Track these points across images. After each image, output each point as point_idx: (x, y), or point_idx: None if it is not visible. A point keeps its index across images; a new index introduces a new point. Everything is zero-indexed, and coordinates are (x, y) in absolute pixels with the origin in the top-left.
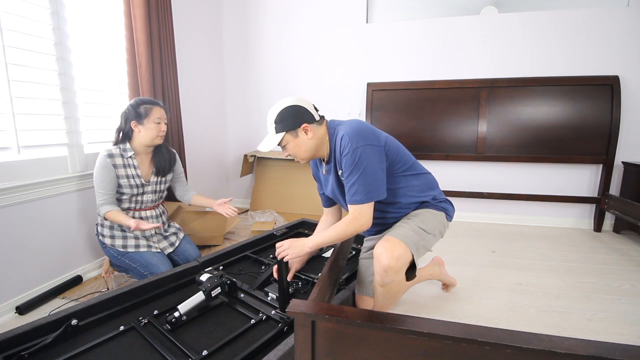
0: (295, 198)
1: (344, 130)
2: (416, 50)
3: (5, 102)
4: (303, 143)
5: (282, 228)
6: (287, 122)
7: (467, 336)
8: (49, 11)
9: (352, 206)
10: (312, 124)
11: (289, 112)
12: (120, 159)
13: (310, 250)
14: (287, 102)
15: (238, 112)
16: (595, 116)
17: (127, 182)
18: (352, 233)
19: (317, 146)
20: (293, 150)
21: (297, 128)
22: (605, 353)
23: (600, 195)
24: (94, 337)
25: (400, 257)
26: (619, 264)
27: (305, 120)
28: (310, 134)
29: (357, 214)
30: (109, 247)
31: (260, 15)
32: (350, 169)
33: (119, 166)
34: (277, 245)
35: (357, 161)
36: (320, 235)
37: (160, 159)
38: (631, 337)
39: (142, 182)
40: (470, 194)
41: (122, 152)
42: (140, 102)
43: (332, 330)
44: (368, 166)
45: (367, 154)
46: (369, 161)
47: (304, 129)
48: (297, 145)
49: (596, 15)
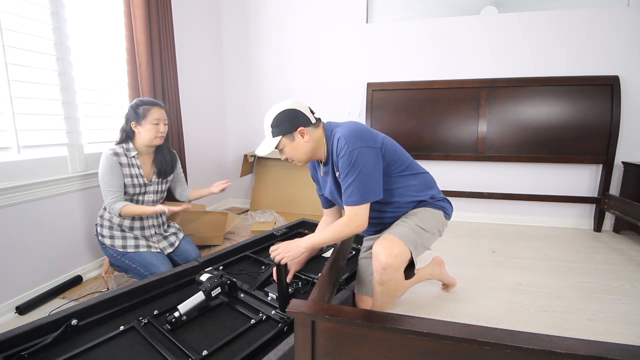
0: (295, 198)
1: (341, 132)
2: (416, 50)
3: (5, 102)
4: (300, 146)
5: (282, 228)
6: (284, 126)
7: (467, 336)
8: (49, 11)
9: (348, 207)
10: (309, 127)
11: (285, 115)
12: (124, 158)
13: (305, 251)
14: (283, 105)
15: (238, 112)
16: (595, 116)
17: (131, 181)
18: (348, 234)
19: (314, 149)
20: (290, 154)
21: (294, 131)
22: (605, 353)
23: (600, 195)
24: (94, 337)
25: (399, 255)
26: (619, 264)
27: (302, 123)
28: (306, 137)
29: (352, 215)
30: (108, 247)
31: (260, 15)
32: (347, 171)
33: (124, 165)
34: (271, 249)
35: (354, 163)
36: (315, 235)
37: (162, 160)
38: (631, 337)
39: (144, 182)
40: (470, 194)
41: (125, 151)
42: (139, 102)
43: (332, 330)
44: (364, 168)
45: (363, 156)
46: (365, 163)
47: (300, 133)
48: (294, 148)
49: (596, 15)
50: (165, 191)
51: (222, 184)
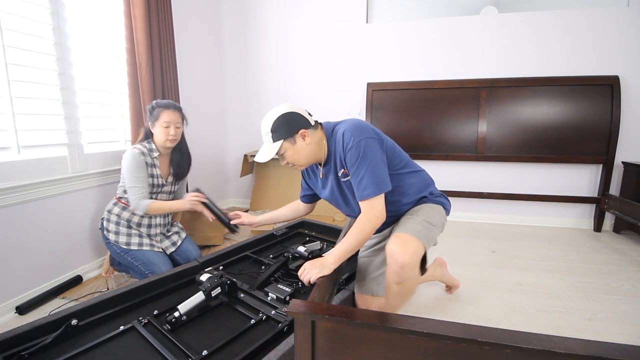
0: (295, 198)
1: (344, 127)
2: (416, 50)
3: (5, 102)
4: (302, 149)
5: (282, 228)
6: (284, 130)
7: (467, 336)
8: (49, 11)
9: (364, 202)
10: (309, 129)
11: (284, 119)
12: (148, 157)
13: (335, 267)
14: (281, 110)
15: (238, 112)
16: (595, 116)
17: (151, 181)
18: (371, 229)
19: (316, 151)
20: (292, 158)
21: (295, 134)
22: (605, 353)
23: (600, 195)
24: (94, 337)
25: (415, 253)
26: (619, 264)
27: (302, 125)
28: (308, 139)
29: (370, 208)
30: (112, 243)
31: (260, 15)
32: (357, 163)
33: (148, 165)
34: (299, 273)
35: (362, 153)
36: (338, 247)
37: (178, 162)
38: (631, 337)
39: (162, 182)
40: (470, 194)
41: (149, 151)
42: (155, 104)
43: (332, 330)
44: (373, 157)
45: (370, 146)
46: (374, 153)
47: (301, 135)
48: (295, 152)
49: (596, 15)
50: (175, 192)
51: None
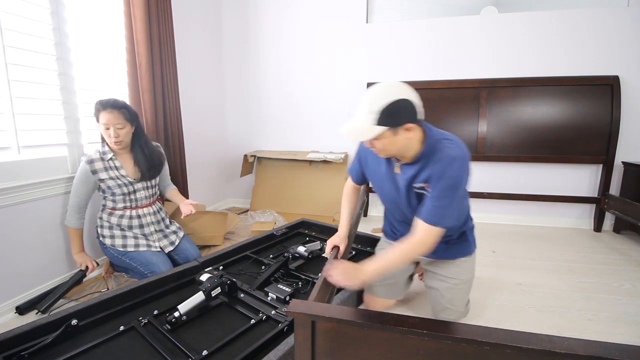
0: (295, 198)
1: (456, 152)
2: (416, 50)
3: (5, 102)
4: (398, 141)
5: (282, 228)
6: (395, 118)
7: (467, 336)
8: (49, 11)
9: (425, 225)
10: (415, 124)
11: (400, 106)
12: (100, 162)
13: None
14: (399, 93)
15: (238, 112)
16: (595, 116)
17: (114, 182)
18: (417, 254)
19: (409, 147)
20: (383, 146)
21: (402, 126)
22: (605, 353)
23: (600, 195)
24: (94, 337)
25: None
26: (619, 264)
27: (412, 119)
28: (410, 134)
29: (426, 236)
30: (109, 247)
31: (260, 15)
32: (444, 192)
33: (100, 170)
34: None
35: (453, 188)
36: (379, 261)
37: (140, 161)
38: (631, 337)
39: (129, 181)
40: (470, 194)
41: (102, 155)
42: (96, 103)
43: (332, 330)
44: (457, 197)
45: (463, 185)
46: (461, 192)
47: (407, 128)
48: (391, 142)
49: (596, 15)
50: (157, 186)
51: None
